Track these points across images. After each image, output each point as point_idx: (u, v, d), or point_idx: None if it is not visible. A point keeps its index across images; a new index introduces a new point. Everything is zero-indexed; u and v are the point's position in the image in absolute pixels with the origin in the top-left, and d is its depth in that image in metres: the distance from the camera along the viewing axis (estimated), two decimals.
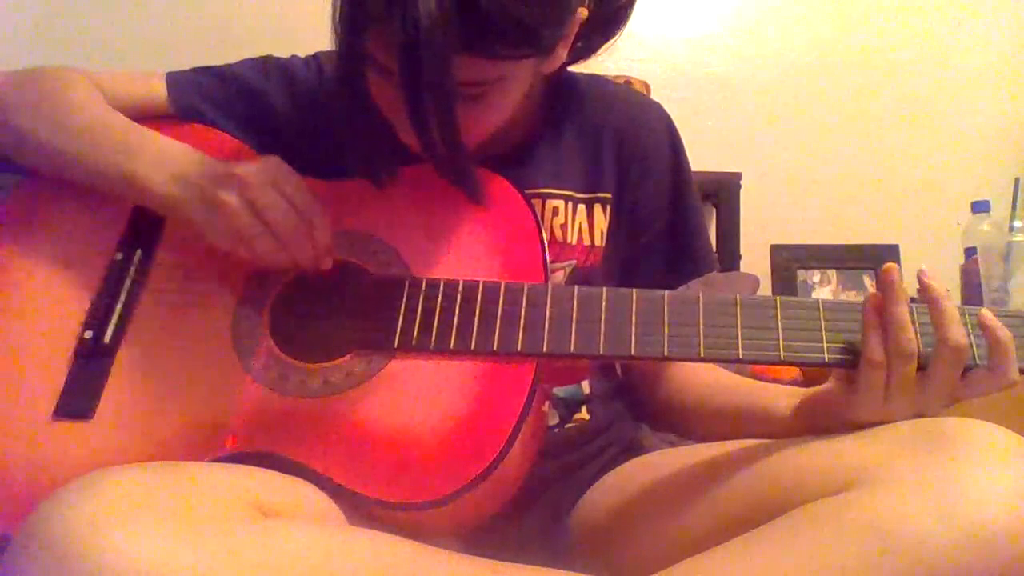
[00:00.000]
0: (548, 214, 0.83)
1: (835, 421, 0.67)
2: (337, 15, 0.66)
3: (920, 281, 0.63)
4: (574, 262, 0.84)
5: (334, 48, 0.68)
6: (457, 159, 0.71)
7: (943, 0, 1.87)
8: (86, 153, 0.76)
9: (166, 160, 0.74)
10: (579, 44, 0.79)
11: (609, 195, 0.86)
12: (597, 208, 0.85)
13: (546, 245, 0.75)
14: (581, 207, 0.85)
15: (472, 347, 0.69)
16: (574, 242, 0.84)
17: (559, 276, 0.83)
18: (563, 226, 0.83)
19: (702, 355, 0.67)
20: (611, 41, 0.82)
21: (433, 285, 0.72)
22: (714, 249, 0.94)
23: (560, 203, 0.84)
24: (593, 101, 0.88)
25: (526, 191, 0.79)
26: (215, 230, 0.72)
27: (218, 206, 0.71)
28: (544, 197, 0.83)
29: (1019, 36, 1.86)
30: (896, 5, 1.87)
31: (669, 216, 0.88)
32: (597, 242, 0.85)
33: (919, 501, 0.54)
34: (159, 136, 0.77)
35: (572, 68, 0.89)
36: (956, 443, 0.57)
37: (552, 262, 0.79)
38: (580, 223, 0.85)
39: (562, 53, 0.75)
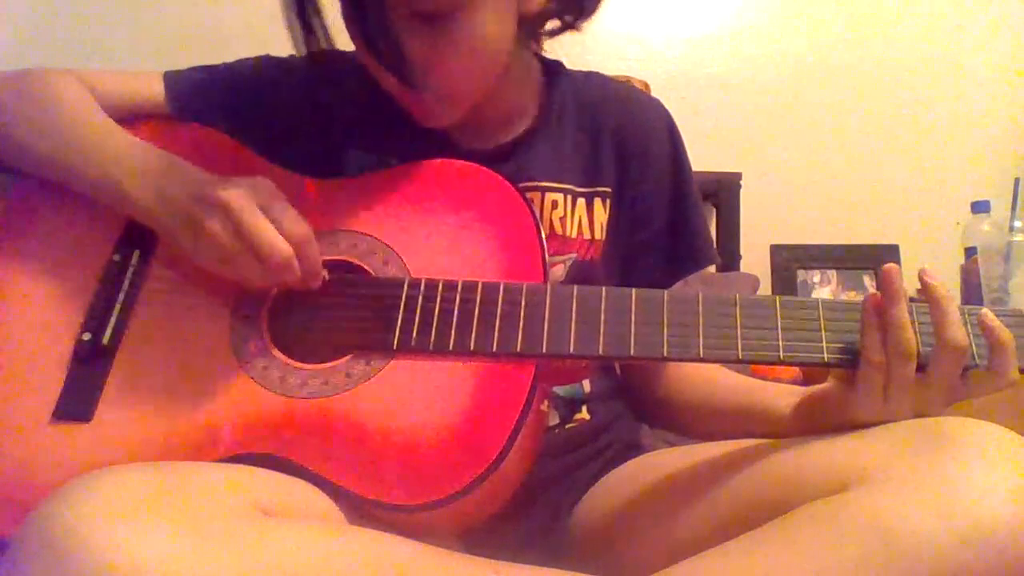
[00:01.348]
0: (547, 208, 0.83)
1: (835, 421, 0.67)
2: None
3: (922, 281, 0.62)
4: (574, 256, 0.84)
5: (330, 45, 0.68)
6: (401, 67, 0.71)
7: (943, 1, 1.87)
8: (71, 159, 0.75)
9: (149, 173, 0.72)
10: None
11: (609, 188, 0.86)
12: (597, 201, 0.85)
13: (545, 244, 0.74)
14: (581, 200, 0.85)
15: (471, 347, 0.69)
16: (574, 235, 0.84)
17: (559, 270, 0.83)
18: (562, 219, 0.83)
19: (702, 355, 0.67)
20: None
21: (432, 285, 0.72)
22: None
23: (559, 196, 0.84)
24: (592, 97, 0.88)
25: (525, 184, 0.79)
26: (199, 254, 0.70)
27: (202, 232, 0.68)
28: (543, 191, 0.83)
29: (1019, 37, 1.86)
30: (896, 5, 1.87)
31: (669, 214, 0.88)
32: (597, 235, 0.85)
33: (919, 501, 0.54)
34: (142, 144, 0.75)
35: (571, 68, 0.89)
36: (956, 443, 0.57)
37: (552, 255, 0.79)
38: (580, 217, 0.84)
39: None
